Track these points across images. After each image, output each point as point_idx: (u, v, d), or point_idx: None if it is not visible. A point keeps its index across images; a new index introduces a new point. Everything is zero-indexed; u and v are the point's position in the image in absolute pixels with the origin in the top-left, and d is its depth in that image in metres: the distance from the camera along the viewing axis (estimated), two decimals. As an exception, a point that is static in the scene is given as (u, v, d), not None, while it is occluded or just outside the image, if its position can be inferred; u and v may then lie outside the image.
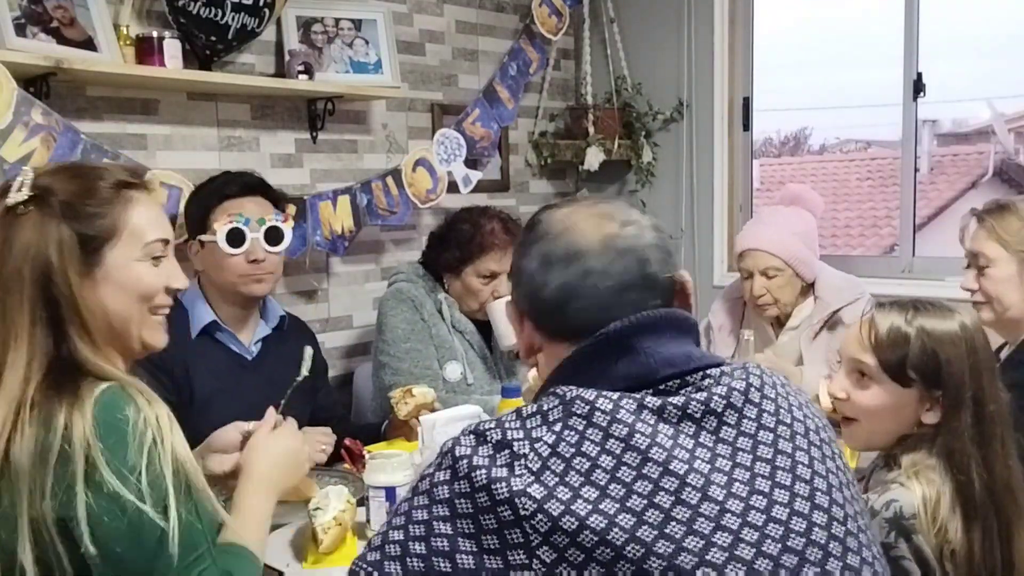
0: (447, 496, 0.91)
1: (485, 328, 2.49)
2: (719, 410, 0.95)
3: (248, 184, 2.11)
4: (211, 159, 2.54)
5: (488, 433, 0.93)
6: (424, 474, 0.96)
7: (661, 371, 0.97)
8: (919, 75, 2.96)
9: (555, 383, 0.99)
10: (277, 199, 2.15)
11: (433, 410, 2.03)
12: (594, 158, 3.29)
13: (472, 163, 3.10)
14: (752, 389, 0.98)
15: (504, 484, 0.88)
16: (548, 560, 0.86)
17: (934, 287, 2.83)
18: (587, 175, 3.50)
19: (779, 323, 2.57)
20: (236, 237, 2.02)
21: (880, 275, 3.02)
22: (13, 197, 1.18)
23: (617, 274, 1.02)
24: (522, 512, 0.87)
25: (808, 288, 2.53)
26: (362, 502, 1.61)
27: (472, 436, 0.94)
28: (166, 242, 1.30)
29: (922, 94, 2.98)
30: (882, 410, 1.39)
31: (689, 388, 0.97)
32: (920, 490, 1.30)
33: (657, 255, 1.04)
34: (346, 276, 2.94)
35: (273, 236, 2.07)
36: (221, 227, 2.02)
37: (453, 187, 3.02)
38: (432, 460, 0.96)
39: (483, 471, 0.90)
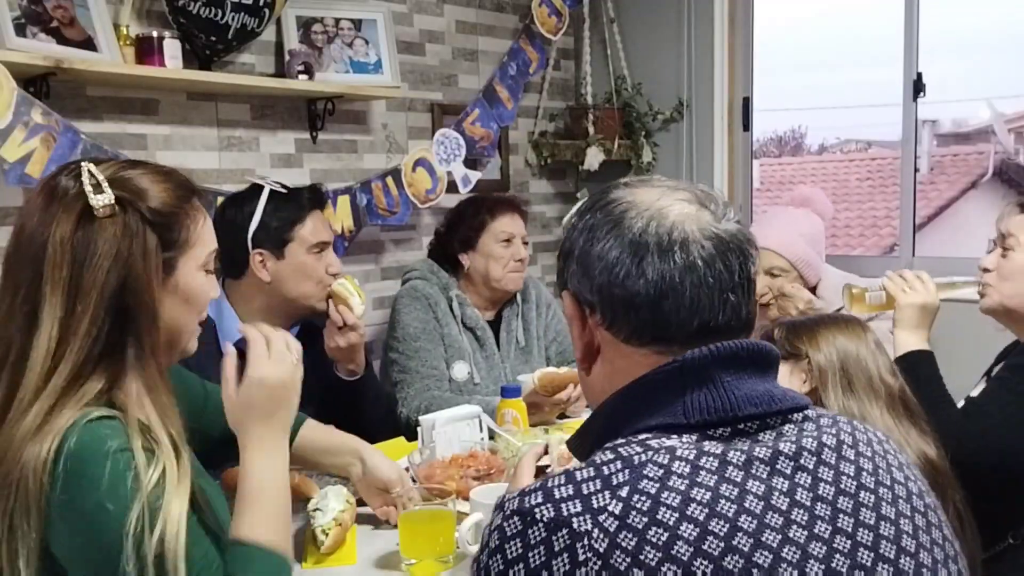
0: None
1: (496, 326, 2.54)
2: (811, 466, 0.83)
3: (320, 198, 2.16)
4: (211, 159, 2.54)
5: (537, 510, 0.79)
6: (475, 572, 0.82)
7: (742, 408, 0.85)
8: (919, 75, 2.96)
9: (616, 414, 0.89)
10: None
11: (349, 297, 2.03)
12: (594, 158, 3.29)
13: (472, 163, 3.10)
14: (845, 446, 0.87)
15: None
16: None
17: (934, 287, 2.82)
18: (587, 175, 3.49)
19: (779, 323, 2.57)
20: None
21: (880, 275, 3.00)
22: (98, 200, 1.09)
23: (721, 271, 0.88)
24: None
25: (811, 291, 2.53)
26: (362, 502, 1.61)
27: (517, 519, 0.80)
28: (217, 252, 1.26)
29: (922, 94, 2.97)
30: None
31: (768, 433, 0.86)
32: None
33: (755, 252, 0.93)
34: (346, 276, 2.94)
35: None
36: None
37: (453, 187, 3.02)
38: (478, 551, 0.83)
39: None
